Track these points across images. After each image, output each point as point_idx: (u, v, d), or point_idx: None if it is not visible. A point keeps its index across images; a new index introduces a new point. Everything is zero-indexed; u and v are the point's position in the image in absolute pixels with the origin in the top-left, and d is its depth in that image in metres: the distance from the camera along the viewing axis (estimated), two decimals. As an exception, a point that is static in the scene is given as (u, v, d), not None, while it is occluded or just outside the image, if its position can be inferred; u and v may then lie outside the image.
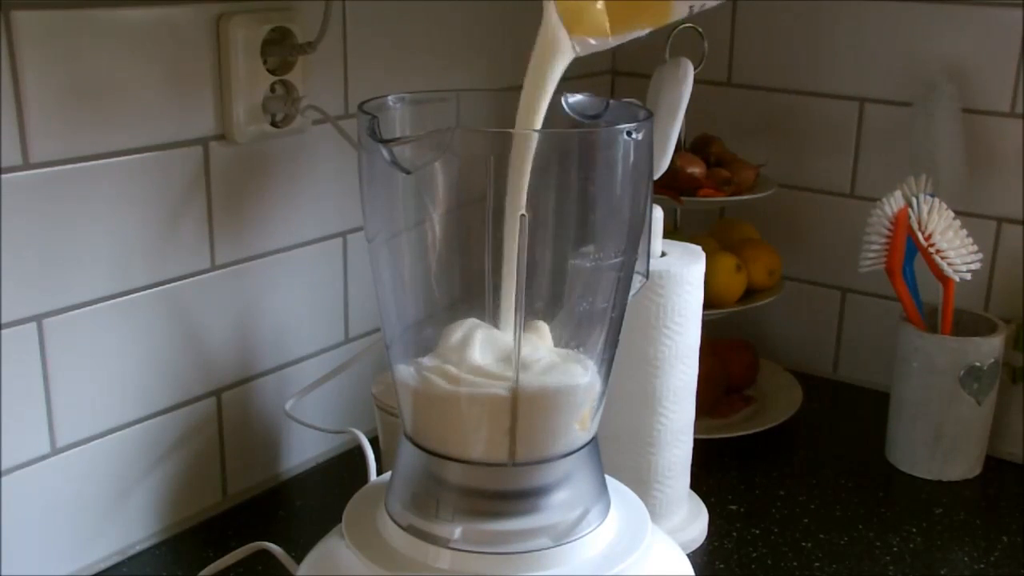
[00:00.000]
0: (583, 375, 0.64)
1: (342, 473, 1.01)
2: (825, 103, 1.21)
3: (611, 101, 0.68)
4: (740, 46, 1.25)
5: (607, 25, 0.60)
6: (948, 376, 1.00)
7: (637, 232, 0.66)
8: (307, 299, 0.98)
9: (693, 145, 1.19)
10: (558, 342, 0.66)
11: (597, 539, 0.64)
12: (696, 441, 0.91)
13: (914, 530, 0.94)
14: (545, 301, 0.65)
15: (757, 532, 0.93)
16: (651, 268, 0.79)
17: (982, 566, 0.89)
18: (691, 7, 0.61)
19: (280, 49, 0.89)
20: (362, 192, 0.65)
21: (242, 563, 0.81)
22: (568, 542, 0.62)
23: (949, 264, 1.00)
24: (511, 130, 0.63)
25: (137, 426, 0.86)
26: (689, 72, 0.87)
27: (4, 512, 0.78)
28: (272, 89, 0.89)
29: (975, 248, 1.01)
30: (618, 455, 0.85)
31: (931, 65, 1.12)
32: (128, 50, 0.79)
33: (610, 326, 0.66)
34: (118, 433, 0.85)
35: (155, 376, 0.86)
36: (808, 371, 1.26)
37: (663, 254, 0.87)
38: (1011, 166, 1.11)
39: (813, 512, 0.97)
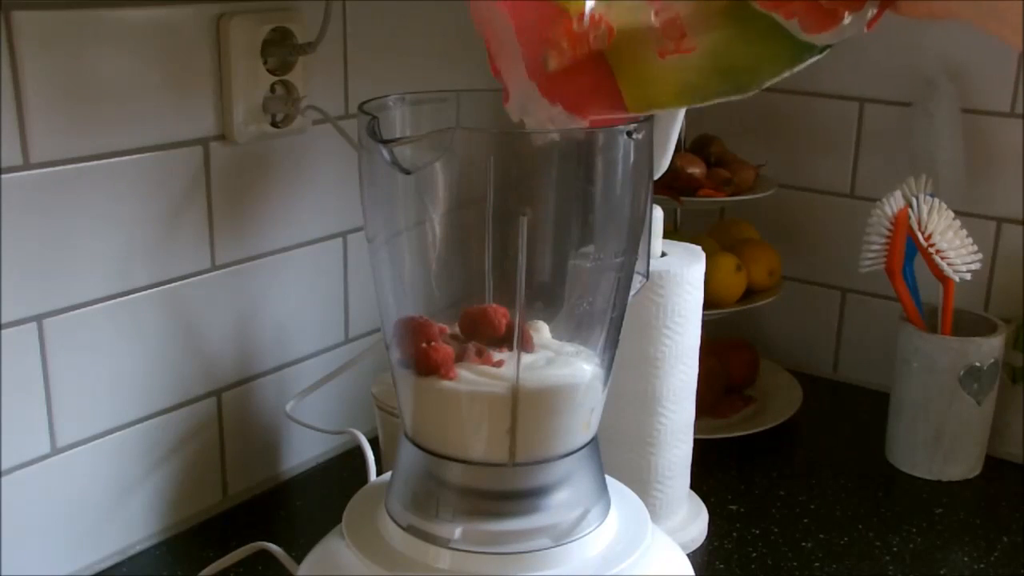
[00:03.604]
0: (583, 375, 0.64)
1: (342, 473, 1.01)
2: (825, 103, 1.21)
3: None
4: (740, 46, 1.25)
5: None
6: (948, 376, 1.00)
7: (637, 232, 0.66)
8: (307, 299, 0.98)
9: (693, 145, 1.19)
10: (558, 342, 0.66)
11: (597, 539, 0.64)
12: (696, 441, 0.91)
13: (914, 530, 0.94)
14: (545, 301, 0.65)
15: (757, 532, 0.93)
16: (651, 268, 0.79)
17: (982, 566, 0.89)
18: None
19: (280, 49, 0.89)
20: (362, 192, 0.65)
21: (242, 563, 0.81)
22: (568, 542, 0.62)
23: (949, 264, 1.00)
24: (511, 130, 0.63)
25: (137, 426, 0.86)
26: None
27: (4, 512, 0.78)
28: (272, 89, 0.89)
29: (975, 248, 1.01)
30: (618, 455, 0.85)
31: (931, 65, 1.12)
32: (128, 50, 0.79)
33: (610, 326, 0.66)
34: (118, 433, 0.85)
35: (155, 376, 0.86)
36: (808, 371, 1.26)
37: (663, 254, 0.87)
38: (1011, 166, 1.11)
39: (813, 512, 0.97)
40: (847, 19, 0.54)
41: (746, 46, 0.56)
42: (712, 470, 1.02)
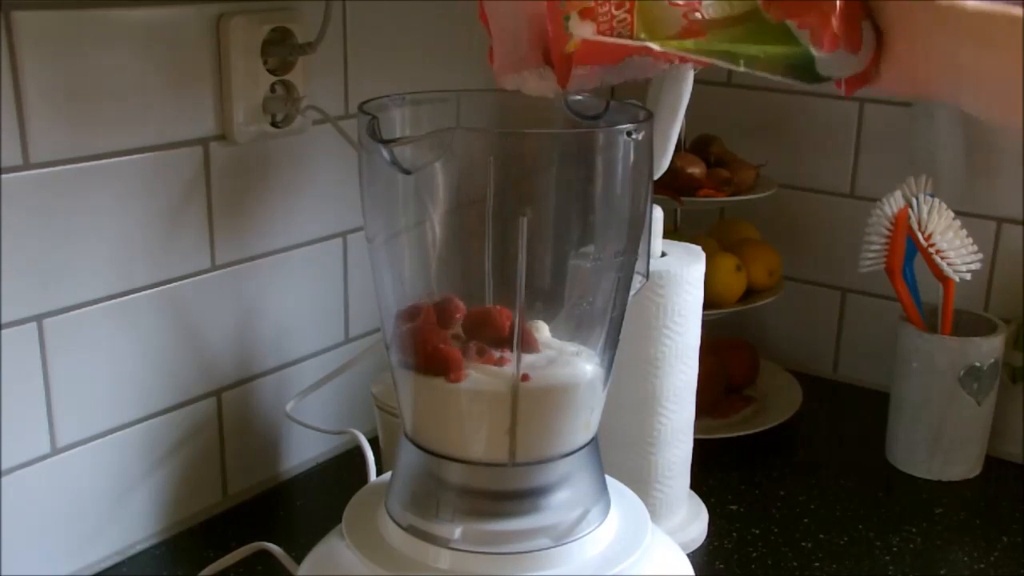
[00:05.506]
0: (583, 375, 0.64)
1: (342, 473, 1.01)
2: (825, 103, 1.21)
3: (611, 101, 0.68)
4: (740, 46, 1.24)
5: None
6: (948, 376, 1.00)
7: (637, 232, 0.66)
8: (307, 299, 0.98)
9: (693, 145, 1.19)
10: (559, 342, 0.66)
11: (597, 539, 0.64)
12: (696, 441, 0.91)
13: (914, 530, 0.94)
14: (545, 301, 0.65)
15: (757, 532, 0.93)
16: (651, 268, 0.79)
17: (982, 566, 0.89)
18: None
19: (280, 49, 0.89)
20: (362, 192, 0.65)
21: (242, 563, 0.81)
22: (568, 542, 0.62)
23: (949, 264, 1.00)
24: (511, 130, 0.63)
25: (137, 426, 0.86)
26: (689, 72, 0.87)
27: (4, 512, 0.78)
28: (272, 89, 0.89)
29: (975, 248, 1.01)
30: (618, 455, 0.85)
31: (931, 65, 1.12)
32: (128, 50, 0.79)
33: (610, 326, 0.66)
34: (118, 433, 0.85)
35: (155, 376, 0.86)
36: (808, 371, 1.26)
37: (663, 254, 0.87)
38: (1011, 166, 1.11)
39: (813, 512, 0.97)
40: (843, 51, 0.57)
41: (755, 43, 0.58)
42: (712, 470, 1.02)
